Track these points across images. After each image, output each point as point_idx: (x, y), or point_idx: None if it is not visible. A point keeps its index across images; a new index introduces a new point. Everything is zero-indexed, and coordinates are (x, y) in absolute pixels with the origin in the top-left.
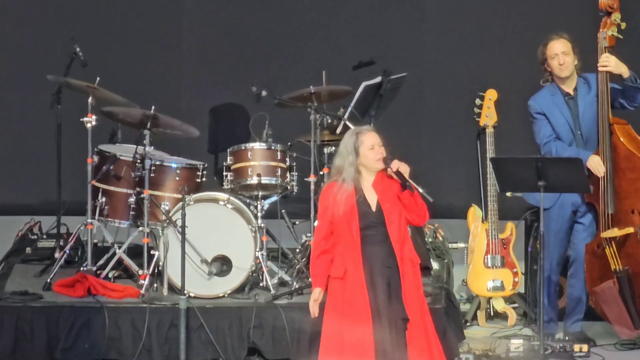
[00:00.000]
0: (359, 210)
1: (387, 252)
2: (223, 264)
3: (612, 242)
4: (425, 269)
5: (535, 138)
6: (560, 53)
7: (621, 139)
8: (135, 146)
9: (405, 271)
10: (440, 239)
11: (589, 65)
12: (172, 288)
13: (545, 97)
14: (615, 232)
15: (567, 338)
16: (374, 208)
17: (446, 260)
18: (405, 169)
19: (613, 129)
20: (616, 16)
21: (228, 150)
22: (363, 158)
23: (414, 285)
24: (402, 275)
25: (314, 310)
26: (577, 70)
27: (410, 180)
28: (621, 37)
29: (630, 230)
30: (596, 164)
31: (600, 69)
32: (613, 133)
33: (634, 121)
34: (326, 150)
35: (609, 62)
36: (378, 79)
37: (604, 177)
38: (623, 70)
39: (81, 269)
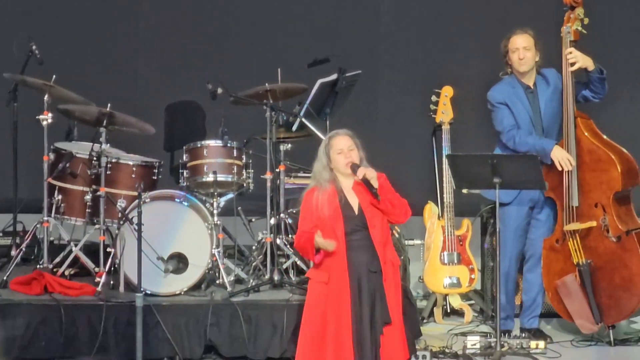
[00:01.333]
0: (342, 214)
1: (371, 256)
2: (179, 262)
3: (576, 234)
4: None
5: (496, 126)
6: (521, 48)
7: (585, 133)
8: (91, 144)
9: (387, 274)
10: (397, 235)
11: (547, 60)
12: (128, 286)
13: (506, 89)
14: (578, 226)
15: (523, 335)
16: (356, 211)
17: (402, 257)
18: (371, 175)
19: (577, 122)
20: (580, 11)
21: (184, 147)
22: (334, 162)
23: (394, 287)
24: (385, 278)
25: (331, 243)
26: (537, 67)
27: (375, 188)
28: (585, 32)
29: (593, 223)
30: (563, 155)
31: (570, 68)
32: (577, 127)
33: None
34: (282, 147)
35: (577, 58)
36: (334, 77)
37: (568, 169)
38: (589, 63)
39: (37, 266)
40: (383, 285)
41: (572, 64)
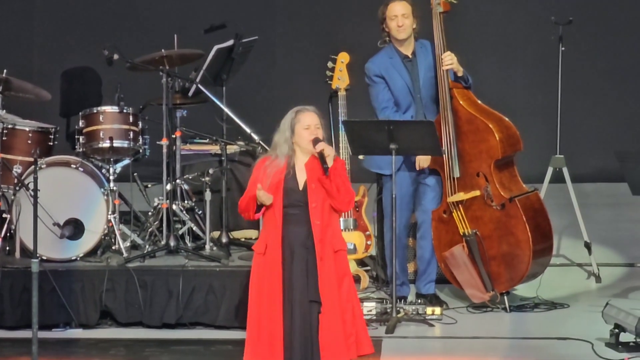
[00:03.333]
0: (284, 187)
1: (307, 233)
2: (75, 227)
3: (460, 205)
4: None
5: (372, 102)
6: (400, 15)
7: (461, 103)
8: None
9: (324, 255)
10: None
11: (425, 30)
12: (24, 251)
13: (384, 60)
14: (461, 196)
15: (419, 301)
16: (300, 187)
17: None
18: (329, 152)
19: (453, 93)
20: None
21: (80, 113)
22: (298, 137)
23: (333, 271)
24: (319, 258)
25: (268, 197)
26: (415, 34)
27: (328, 165)
28: (455, 1)
29: (477, 193)
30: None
31: (444, 67)
32: (453, 97)
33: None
34: (178, 113)
35: (453, 61)
36: (230, 42)
37: (448, 141)
38: (460, 69)
39: None
40: (316, 263)
41: (449, 65)
